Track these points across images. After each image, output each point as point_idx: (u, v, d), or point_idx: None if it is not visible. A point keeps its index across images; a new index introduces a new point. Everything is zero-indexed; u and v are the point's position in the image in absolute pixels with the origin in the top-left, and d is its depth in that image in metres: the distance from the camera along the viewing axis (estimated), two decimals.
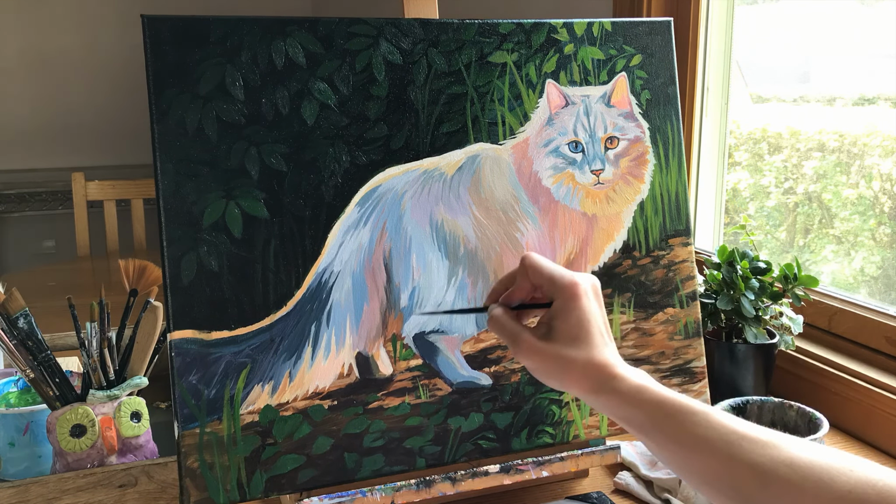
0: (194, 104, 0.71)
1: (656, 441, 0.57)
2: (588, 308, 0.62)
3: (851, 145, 1.22)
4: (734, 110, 1.37)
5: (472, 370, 0.80)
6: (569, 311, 0.61)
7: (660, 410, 0.56)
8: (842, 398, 1.01)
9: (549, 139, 0.82)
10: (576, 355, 0.60)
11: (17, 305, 0.87)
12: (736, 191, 1.42)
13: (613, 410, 0.59)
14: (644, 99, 0.86)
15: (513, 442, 0.80)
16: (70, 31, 2.89)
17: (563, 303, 0.62)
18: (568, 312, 0.61)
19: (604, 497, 0.83)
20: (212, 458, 0.70)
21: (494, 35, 0.81)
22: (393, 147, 0.77)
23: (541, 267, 0.64)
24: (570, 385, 0.61)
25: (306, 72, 0.74)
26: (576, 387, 0.60)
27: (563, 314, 0.61)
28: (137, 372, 0.91)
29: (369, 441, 0.75)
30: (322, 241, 0.75)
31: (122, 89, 2.86)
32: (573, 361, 0.60)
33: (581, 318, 0.61)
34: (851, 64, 1.25)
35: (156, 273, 0.92)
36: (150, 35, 0.70)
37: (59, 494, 0.83)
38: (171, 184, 0.70)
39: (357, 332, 0.76)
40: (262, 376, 0.73)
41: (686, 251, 0.88)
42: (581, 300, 0.61)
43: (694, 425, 0.55)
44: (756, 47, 1.40)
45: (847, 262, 1.23)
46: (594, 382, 0.59)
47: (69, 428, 0.86)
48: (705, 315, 1.02)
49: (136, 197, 2.27)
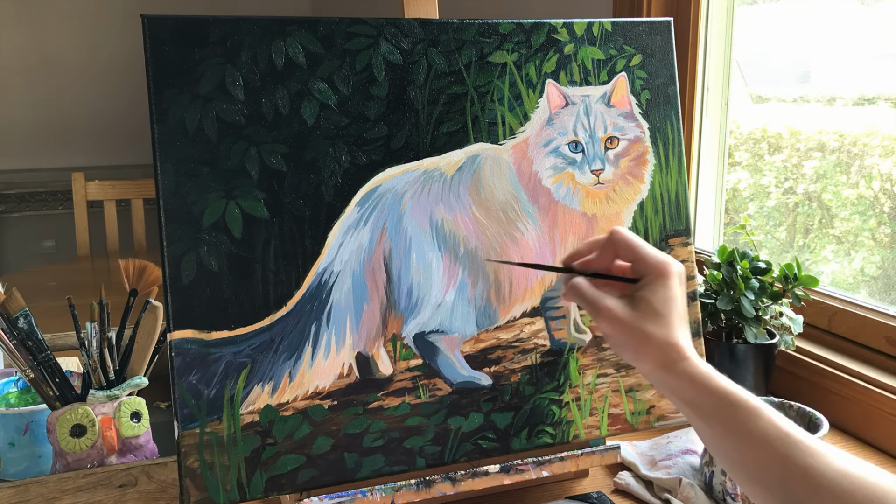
0: (194, 104, 0.71)
1: (714, 429, 0.58)
2: (675, 290, 0.64)
3: (851, 145, 1.21)
4: (734, 110, 1.37)
5: (472, 370, 0.80)
6: (657, 289, 0.63)
7: (724, 400, 0.58)
8: (842, 398, 1.01)
9: (549, 139, 0.82)
10: (655, 331, 0.62)
11: (17, 305, 0.87)
12: (736, 191, 1.42)
13: (679, 392, 0.61)
14: (644, 99, 0.86)
15: (513, 442, 0.80)
16: (70, 31, 2.88)
17: (653, 280, 0.64)
18: (656, 290, 0.63)
19: (604, 497, 0.83)
20: (212, 458, 0.70)
21: (494, 35, 0.81)
22: (393, 147, 0.77)
23: (633, 243, 0.66)
24: (644, 359, 0.63)
25: (306, 72, 0.74)
26: (649, 362, 0.62)
27: (650, 290, 0.63)
28: (137, 372, 0.91)
29: (369, 441, 0.75)
30: (322, 241, 0.75)
31: (122, 89, 2.86)
32: (651, 337, 0.62)
33: (668, 297, 0.63)
34: (851, 64, 1.25)
35: (156, 273, 0.92)
36: (150, 35, 0.70)
37: (59, 494, 0.83)
38: (171, 184, 0.70)
39: (357, 332, 0.76)
40: (262, 376, 0.73)
41: (686, 251, 0.88)
42: (672, 280, 0.64)
43: (756, 419, 0.56)
44: (756, 47, 1.40)
45: (847, 262, 1.23)
46: (667, 360, 0.61)
47: (69, 428, 0.86)
48: (705, 315, 1.02)
49: (136, 197, 2.27)
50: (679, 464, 0.89)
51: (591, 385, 0.84)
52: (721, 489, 0.81)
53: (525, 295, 0.82)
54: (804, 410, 0.85)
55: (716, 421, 0.58)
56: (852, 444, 0.99)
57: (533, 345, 0.82)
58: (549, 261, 0.82)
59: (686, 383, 0.60)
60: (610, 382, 0.84)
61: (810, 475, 0.52)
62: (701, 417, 0.59)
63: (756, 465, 0.55)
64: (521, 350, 0.81)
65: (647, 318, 0.62)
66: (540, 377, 0.82)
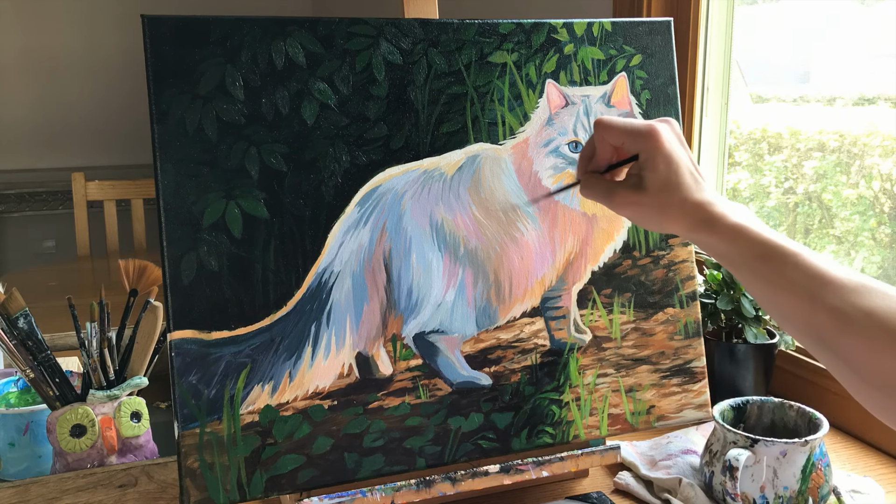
0: (194, 104, 0.71)
1: (745, 278, 0.60)
2: (672, 150, 0.64)
3: (851, 145, 1.22)
4: (734, 110, 1.37)
5: (472, 370, 0.80)
6: (654, 158, 0.63)
7: (753, 250, 0.59)
8: (842, 398, 1.01)
9: (549, 139, 0.82)
10: (669, 199, 0.63)
11: (17, 305, 0.87)
12: (736, 191, 1.42)
13: (710, 247, 0.62)
14: (644, 99, 0.86)
15: (513, 442, 0.80)
16: (70, 31, 2.88)
17: (647, 152, 0.64)
18: (654, 160, 0.63)
19: (604, 497, 0.83)
20: (212, 458, 0.70)
21: (494, 35, 0.81)
22: (393, 147, 0.77)
23: (614, 125, 0.66)
24: (670, 226, 0.64)
25: (306, 72, 0.74)
26: (675, 226, 0.64)
27: (650, 163, 0.64)
28: (137, 372, 0.91)
29: (369, 441, 0.75)
30: (322, 241, 0.75)
31: (122, 89, 2.86)
32: (668, 205, 0.63)
33: (668, 161, 0.63)
34: (851, 64, 1.25)
35: (156, 273, 0.92)
36: (150, 35, 0.70)
37: (59, 494, 0.83)
38: (171, 184, 0.70)
39: (357, 332, 0.76)
40: (262, 376, 0.73)
41: (686, 251, 0.88)
42: (664, 145, 0.64)
43: (783, 266, 0.57)
44: (756, 47, 1.40)
45: (847, 262, 1.23)
46: (692, 221, 0.62)
47: (69, 428, 0.86)
48: (705, 315, 1.02)
49: (136, 197, 2.27)
50: (679, 464, 0.89)
51: (591, 385, 0.84)
52: (721, 489, 0.81)
53: (525, 295, 0.82)
54: (804, 410, 0.85)
55: (746, 271, 0.60)
56: (852, 443, 0.99)
57: (533, 345, 0.82)
58: (549, 261, 0.82)
59: (716, 239, 0.61)
60: (610, 382, 0.84)
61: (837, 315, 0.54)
62: (732, 267, 0.61)
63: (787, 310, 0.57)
64: (521, 350, 0.81)
65: (658, 190, 0.63)
66: (540, 377, 0.82)
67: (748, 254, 0.59)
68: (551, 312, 0.83)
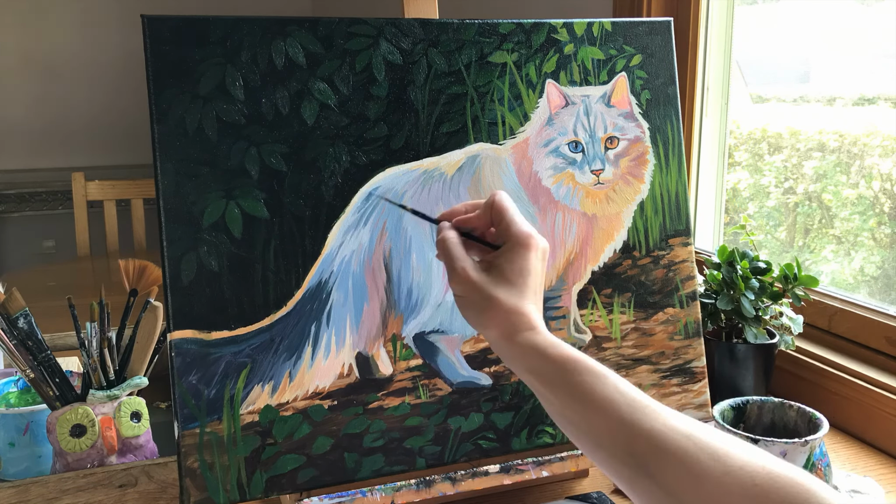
0: (194, 104, 0.71)
1: (560, 397, 0.58)
2: (534, 264, 0.63)
3: (851, 145, 1.22)
4: (734, 110, 1.37)
5: (472, 370, 0.80)
6: (515, 258, 0.63)
7: (569, 366, 0.57)
8: (842, 398, 1.01)
9: (549, 139, 0.82)
10: (504, 297, 0.61)
11: (17, 305, 0.87)
12: (736, 191, 1.43)
13: (523, 360, 0.60)
14: (644, 99, 0.86)
15: (513, 442, 0.80)
16: (70, 31, 2.88)
17: (513, 249, 0.63)
18: (514, 259, 0.63)
19: (604, 497, 0.84)
20: (212, 458, 0.70)
21: (494, 35, 0.81)
22: (393, 147, 0.77)
23: (504, 210, 0.65)
24: (488, 324, 0.62)
25: (306, 72, 0.74)
26: (494, 327, 0.62)
27: (508, 259, 0.63)
28: (137, 372, 0.91)
29: (369, 441, 0.75)
30: (322, 241, 0.75)
31: (122, 89, 2.86)
32: (500, 302, 0.61)
33: (524, 268, 0.63)
34: (851, 64, 1.25)
35: (156, 273, 0.92)
36: (150, 35, 0.70)
37: (59, 494, 0.83)
38: (171, 184, 0.70)
39: (357, 331, 0.76)
40: (262, 376, 0.73)
41: (686, 251, 0.88)
42: (532, 253, 0.63)
43: (602, 385, 0.56)
44: (756, 47, 1.40)
45: (847, 262, 1.23)
46: (512, 328, 0.61)
47: (69, 428, 0.86)
48: (705, 315, 1.02)
49: (136, 197, 2.27)
50: None
51: None
52: None
53: None
54: (804, 410, 0.85)
55: (560, 388, 0.57)
56: (852, 443, 0.99)
57: None
58: (549, 261, 0.82)
59: (531, 351, 0.60)
60: None
61: (656, 438, 0.52)
62: (546, 386, 0.59)
63: (603, 432, 0.55)
64: None
65: (498, 284, 0.62)
66: None
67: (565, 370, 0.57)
68: (551, 312, 0.83)
